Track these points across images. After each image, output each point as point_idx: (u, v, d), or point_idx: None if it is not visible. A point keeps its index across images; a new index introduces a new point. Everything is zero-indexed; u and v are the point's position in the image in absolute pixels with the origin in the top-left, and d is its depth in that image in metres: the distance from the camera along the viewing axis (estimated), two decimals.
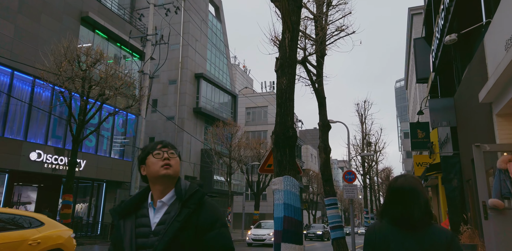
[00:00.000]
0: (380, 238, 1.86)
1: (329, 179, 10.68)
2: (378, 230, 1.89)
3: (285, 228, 4.95)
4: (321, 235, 28.02)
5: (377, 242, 1.86)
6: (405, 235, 1.81)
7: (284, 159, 5.32)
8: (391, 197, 1.91)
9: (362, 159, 19.30)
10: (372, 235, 1.90)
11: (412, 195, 1.84)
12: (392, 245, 1.81)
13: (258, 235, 18.29)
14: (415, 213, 1.80)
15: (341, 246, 10.04)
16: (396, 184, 1.91)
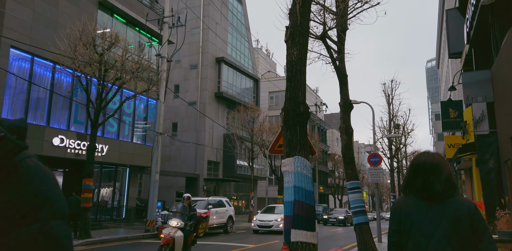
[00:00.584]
0: (405, 211, 1.94)
1: (351, 162, 10.11)
2: (403, 203, 1.97)
3: (295, 213, 4.53)
4: (344, 220, 26.71)
5: (402, 214, 1.94)
6: (428, 207, 1.88)
7: (294, 138, 4.85)
8: (414, 172, 1.98)
9: (389, 141, 18.43)
10: (397, 208, 1.98)
11: (434, 170, 1.91)
12: (416, 216, 1.89)
13: (264, 221, 16.58)
14: (436, 186, 1.88)
15: (364, 232, 9.55)
16: (419, 160, 1.99)
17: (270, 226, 16.41)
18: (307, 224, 4.45)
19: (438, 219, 1.85)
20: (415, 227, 1.90)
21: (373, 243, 9.49)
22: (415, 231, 1.90)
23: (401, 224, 1.95)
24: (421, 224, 1.89)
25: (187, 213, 8.05)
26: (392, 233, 2.01)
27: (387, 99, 18.62)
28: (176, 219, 7.85)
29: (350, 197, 9.94)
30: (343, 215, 27.24)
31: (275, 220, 16.45)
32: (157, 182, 15.33)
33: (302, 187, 4.61)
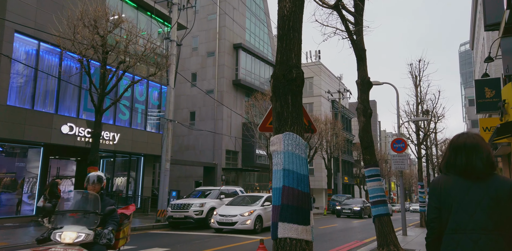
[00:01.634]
0: (445, 189, 2.02)
1: (369, 146, 9.04)
2: (442, 182, 2.05)
3: (284, 202, 3.63)
4: (359, 212, 23.59)
5: (443, 192, 2.02)
6: (469, 185, 1.97)
7: (285, 110, 3.93)
8: (454, 152, 2.08)
9: (416, 126, 17.00)
10: (437, 186, 2.06)
11: (474, 149, 2.01)
12: (458, 194, 1.97)
13: (226, 217, 11.90)
14: (478, 164, 1.97)
15: (385, 224, 8.52)
16: (459, 141, 2.10)
17: (233, 223, 11.78)
18: (298, 216, 3.55)
19: (480, 196, 1.93)
20: (457, 204, 1.97)
21: (394, 236, 8.47)
22: (456, 208, 1.96)
23: (441, 201, 2.02)
24: (462, 201, 1.96)
25: (98, 211, 3.94)
26: (432, 210, 2.06)
27: (414, 81, 17.09)
28: (74, 227, 3.77)
29: (369, 185, 8.91)
30: (359, 205, 24.02)
31: (240, 215, 11.85)
32: (168, 170, 14.80)
33: (293, 170, 3.70)
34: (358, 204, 24.37)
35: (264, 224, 12.51)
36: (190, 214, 12.96)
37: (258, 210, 12.33)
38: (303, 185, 3.68)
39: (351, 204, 24.44)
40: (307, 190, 3.70)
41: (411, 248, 8.96)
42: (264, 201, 13.15)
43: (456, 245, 1.93)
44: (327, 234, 12.94)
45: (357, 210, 23.60)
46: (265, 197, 13.49)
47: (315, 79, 43.23)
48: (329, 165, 34.22)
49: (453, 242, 1.94)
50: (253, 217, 11.99)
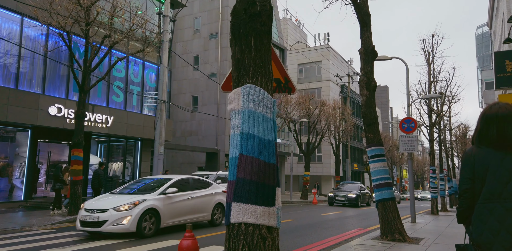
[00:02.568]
0: (478, 159, 2.03)
1: (372, 124, 8.04)
2: (475, 153, 2.05)
3: (240, 176, 2.71)
4: (355, 199, 19.97)
5: (476, 163, 2.04)
6: (503, 155, 2.00)
7: (246, 56, 2.96)
8: (486, 123, 2.08)
9: (429, 108, 15.81)
10: (470, 157, 2.07)
11: (506, 119, 2.02)
12: (491, 164, 1.99)
13: (91, 213, 7.47)
14: (510, 134, 1.99)
15: (389, 210, 7.59)
16: (491, 111, 2.09)
17: (100, 223, 7.31)
18: (258, 195, 2.64)
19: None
20: (490, 175, 1.99)
21: (400, 223, 7.54)
22: (490, 178, 1.99)
23: (474, 172, 2.04)
24: (496, 171, 1.97)
25: None
26: (465, 181, 2.09)
27: (427, 58, 15.78)
28: None
29: (371, 167, 7.94)
30: (354, 192, 20.38)
31: (113, 209, 7.40)
32: (162, 155, 14.03)
33: (255, 134, 2.76)
34: (354, 190, 20.77)
35: (166, 222, 8.03)
36: None
37: (150, 201, 7.70)
38: (268, 153, 2.75)
39: (345, 191, 20.76)
40: (272, 161, 2.77)
41: (419, 236, 8.04)
42: (168, 187, 8.28)
43: (489, 213, 1.98)
44: (328, 221, 12.08)
45: (352, 197, 20.09)
46: (173, 181, 8.63)
47: (323, 63, 41.81)
48: (337, 151, 33.17)
49: (486, 210, 1.99)
50: (137, 212, 7.37)
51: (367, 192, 21.88)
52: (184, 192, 8.67)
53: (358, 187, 21.71)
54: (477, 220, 2.02)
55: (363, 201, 20.95)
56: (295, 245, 7.26)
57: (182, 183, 8.93)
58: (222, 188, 9.91)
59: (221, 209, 9.77)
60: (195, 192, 9.05)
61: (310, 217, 13.04)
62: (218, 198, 9.69)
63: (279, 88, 3.71)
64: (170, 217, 8.15)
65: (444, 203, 19.80)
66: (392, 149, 48.95)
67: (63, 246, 6.69)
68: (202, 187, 9.46)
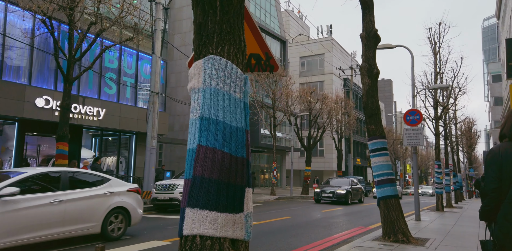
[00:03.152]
0: (506, 155, 2.01)
1: (374, 115, 7.38)
2: (503, 150, 2.02)
3: (197, 173, 2.06)
4: (345, 195, 17.38)
5: (504, 161, 2.01)
6: None
7: (209, 19, 2.32)
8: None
9: (434, 100, 15.09)
10: (497, 155, 2.04)
11: None
12: None
13: None
14: None
15: (392, 208, 6.97)
16: None
17: None
18: (220, 198, 2.01)
19: None
20: None
21: (404, 223, 6.92)
22: None
23: (502, 170, 2.00)
24: None
25: None
26: (492, 180, 2.05)
27: (433, 48, 15.01)
28: None
29: (373, 161, 7.30)
30: (344, 188, 17.74)
31: None
32: (154, 148, 13.46)
33: (218, 119, 2.13)
34: (345, 185, 18.18)
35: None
36: (176, 196, 11.65)
37: None
38: (235, 144, 2.12)
39: (334, 186, 18.19)
40: (241, 154, 2.14)
41: (424, 237, 7.42)
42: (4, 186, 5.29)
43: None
44: (327, 219, 11.49)
45: (341, 193, 17.37)
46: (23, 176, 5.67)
47: (326, 55, 40.97)
48: (339, 145, 32.53)
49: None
50: None
51: (359, 188, 19.64)
52: (46, 193, 5.79)
53: (349, 181, 18.83)
54: (503, 219, 2.00)
55: (354, 197, 18.55)
56: (288, 246, 6.68)
57: (44, 179, 6.07)
58: (127, 186, 7.29)
59: (123, 216, 6.95)
60: (71, 192, 6.12)
61: (309, 214, 12.46)
62: (116, 201, 6.83)
63: (259, 66, 3.07)
64: (7, 233, 5.13)
65: (449, 198, 19.17)
66: (395, 144, 48.22)
67: None
68: (87, 185, 6.60)
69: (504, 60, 13.42)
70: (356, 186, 19.12)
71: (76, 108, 14.07)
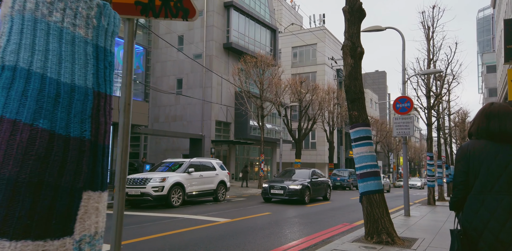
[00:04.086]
0: (474, 153, 2.17)
1: (357, 99, 6.50)
2: (471, 147, 2.21)
3: None
4: (300, 192, 13.06)
5: (471, 156, 2.18)
6: (498, 150, 2.13)
7: None
8: (487, 118, 2.22)
9: (427, 88, 14.26)
10: (466, 151, 2.22)
11: (507, 116, 2.18)
12: (486, 158, 2.13)
13: None
14: (510, 129, 2.13)
15: (376, 205, 6.13)
16: (492, 108, 2.25)
17: None
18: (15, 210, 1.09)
19: (506, 161, 2.09)
20: (484, 168, 2.12)
21: (388, 221, 6.10)
22: (483, 172, 2.12)
23: (469, 165, 2.17)
24: (490, 165, 2.12)
25: None
26: (460, 174, 2.22)
27: (426, 33, 14.10)
28: None
29: (355, 152, 6.44)
30: (300, 182, 13.45)
31: None
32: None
33: (33, 69, 1.19)
34: (302, 178, 13.94)
35: None
36: (148, 191, 10.77)
37: None
38: (65, 116, 1.16)
39: (287, 180, 13.90)
40: (78, 133, 1.21)
41: (412, 237, 6.62)
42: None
43: (480, 204, 2.13)
44: (310, 214, 10.69)
45: (295, 189, 13.00)
46: None
47: (318, 45, 39.94)
48: (331, 138, 31.79)
49: (477, 202, 2.15)
50: None
51: (323, 182, 15.28)
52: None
53: (309, 174, 14.53)
54: (468, 209, 2.19)
55: (316, 193, 14.32)
56: (259, 248, 5.84)
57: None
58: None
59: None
60: None
61: (292, 209, 11.65)
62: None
63: (166, 8, 2.17)
64: None
65: (441, 191, 18.53)
66: (389, 136, 47.62)
67: None
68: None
69: (502, 43, 12.58)
70: (318, 179, 14.69)
71: None
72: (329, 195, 15.79)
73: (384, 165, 61.28)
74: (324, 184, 15.47)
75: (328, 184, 15.89)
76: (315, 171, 15.61)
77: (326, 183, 15.74)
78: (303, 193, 13.23)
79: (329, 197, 15.78)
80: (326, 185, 15.60)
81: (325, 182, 15.59)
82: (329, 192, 15.81)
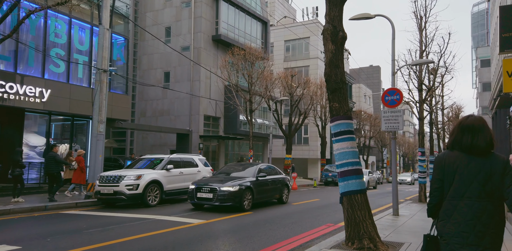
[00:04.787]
0: (448, 162, 2.39)
1: (338, 89, 5.85)
2: (447, 156, 2.42)
3: None
4: (234, 196, 9.79)
5: (446, 165, 2.39)
6: (470, 159, 2.33)
7: None
8: (462, 131, 2.41)
9: (419, 81, 13.65)
10: (441, 160, 2.43)
11: (480, 130, 2.35)
12: (459, 167, 2.34)
13: None
14: (481, 144, 2.33)
15: (357, 207, 5.51)
16: (467, 122, 2.42)
17: None
18: None
19: (477, 171, 2.30)
20: (458, 176, 2.33)
21: (371, 225, 5.49)
22: (457, 179, 2.32)
23: (444, 173, 2.37)
24: (462, 173, 2.32)
25: None
26: (436, 181, 2.42)
27: (419, 23, 13.44)
28: None
29: (336, 147, 5.81)
30: (240, 181, 10.28)
31: None
32: (102, 135, 11.81)
33: None
34: (246, 177, 10.82)
35: None
36: (121, 189, 10.08)
37: None
38: None
39: (222, 180, 10.45)
40: None
41: (398, 240, 6.03)
42: None
43: (453, 209, 2.33)
44: (294, 214, 10.08)
45: (228, 192, 9.77)
46: None
47: (311, 39, 39.18)
48: (323, 133, 31.20)
49: (451, 207, 2.35)
50: None
51: (276, 180, 11.99)
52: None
53: (254, 171, 11.26)
54: (443, 214, 2.38)
55: (264, 196, 11.21)
56: None
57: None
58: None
59: None
60: None
61: (276, 208, 11.04)
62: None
63: None
64: None
65: None
66: (382, 131, 47.21)
67: None
68: None
69: (497, 32, 12.00)
70: (265, 177, 11.33)
71: (12, 88, 12.25)
72: (286, 197, 12.45)
73: (377, 161, 60.91)
74: (278, 184, 12.06)
75: (285, 184, 12.49)
76: (264, 168, 11.98)
77: (282, 182, 12.29)
78: (241, 197, 9.88)
79: (286, 199, 12.41)
80: (281, 184, 12.25)
81: (279, 181, 12.12)
82: (286, 193, 12.46)
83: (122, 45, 17.04)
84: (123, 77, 16.91)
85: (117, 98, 16.50)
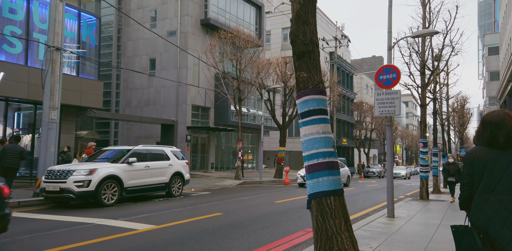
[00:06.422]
0: (477, 158, 2.40)
1: (307, 53, 4.24)
2: (475, 152, 2.43)
3: None
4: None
5: (476, 161, 2.40)
6: (498, 154, 2.35)
7: None
8: (483, 127, 2.45)
9: (422, 63, 11.99)
10: (470, 156, 2.45)
11: (498, 126, 2.38)
12: (488, 162, 2.35)
13: None
14: (500, 139, 2.35)
15: (331, 214, 3.91)
16: (487, 118, 2.46)
17: None
18: None
19: (506, 164, 2.30)
20: (487, 171, 2.35)
21: (348, 239, 3.93)
22: (486, 174, 2.36)
23: (473, 168, 2.41)
24: (492, 168, 2.34)
25: None
26: (465, 176, 2.47)
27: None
28: None
29: (302, 132, 4.22)
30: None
31: None
32: (54, 123, 10.31)
33: None
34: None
35: None
36: (69, 186, 8.58)
37: None
38: None
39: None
40: None
41: None
42: None
43: (485, 203, 2.35)
44: (270, 215, 8.58)
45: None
46: None
47: None
48: None
49: (482, 201, 2.37)
50: None
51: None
52: None
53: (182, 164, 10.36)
54: (475, 208, 2.41)
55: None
56: None
57: None
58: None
59: None
60: None
61: (253, 208, 9.54)
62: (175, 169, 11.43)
63: None
64: None
65: (437, 182, 16.48)
66: (384, 123, 45.50)
67: None
68: None
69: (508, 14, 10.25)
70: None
71: None
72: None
73: (379, 154, 59.29)
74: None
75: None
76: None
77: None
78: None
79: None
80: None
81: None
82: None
83: (94, 25, 15.44)
84: (94, 61, 15.35)
85: (88, 84, 14.98)
